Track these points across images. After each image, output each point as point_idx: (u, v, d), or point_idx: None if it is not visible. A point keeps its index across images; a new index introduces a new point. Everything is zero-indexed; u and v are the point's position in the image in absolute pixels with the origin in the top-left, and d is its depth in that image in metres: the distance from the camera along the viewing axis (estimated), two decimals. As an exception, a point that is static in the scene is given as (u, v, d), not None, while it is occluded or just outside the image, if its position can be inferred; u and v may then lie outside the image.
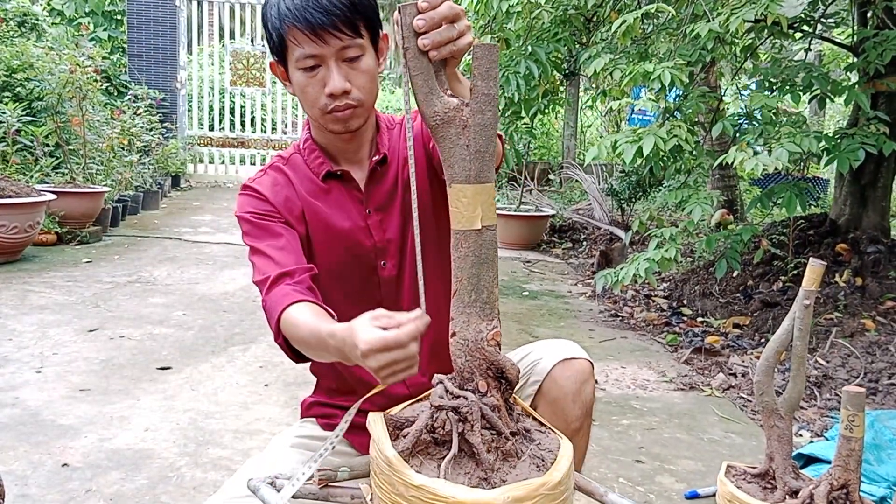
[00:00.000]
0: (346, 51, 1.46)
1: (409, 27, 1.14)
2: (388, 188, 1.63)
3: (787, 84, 4.26)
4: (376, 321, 1.17)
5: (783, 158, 3.71)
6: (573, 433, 1.56)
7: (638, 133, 4.23)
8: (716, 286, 5.44)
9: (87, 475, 2.59)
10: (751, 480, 1.31)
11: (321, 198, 1.61)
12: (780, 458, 1.28)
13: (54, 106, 7.61)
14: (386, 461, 1.08)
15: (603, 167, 9.64)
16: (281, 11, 1.44)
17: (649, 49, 4.62)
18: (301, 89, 1.49)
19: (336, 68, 1.45)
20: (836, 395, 3.65)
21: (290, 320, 1.38)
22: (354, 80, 1.48)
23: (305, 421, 1.76)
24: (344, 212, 1.60)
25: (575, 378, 1.56)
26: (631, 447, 3.07)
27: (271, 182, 1.62)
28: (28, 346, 3.93)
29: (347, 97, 1.48)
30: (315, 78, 1.47)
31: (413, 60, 1.14)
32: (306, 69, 1.46)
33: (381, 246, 1.61)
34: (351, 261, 1.61)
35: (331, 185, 1.61)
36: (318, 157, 1.62)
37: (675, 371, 4.07)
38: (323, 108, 1.49)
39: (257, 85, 13.05)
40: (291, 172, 1.63)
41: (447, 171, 1.15)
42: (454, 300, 1.17)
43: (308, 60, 1.45)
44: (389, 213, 1.62)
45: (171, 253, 6.83)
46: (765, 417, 1.31)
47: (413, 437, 1.11)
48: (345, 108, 1.49)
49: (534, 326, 4.88)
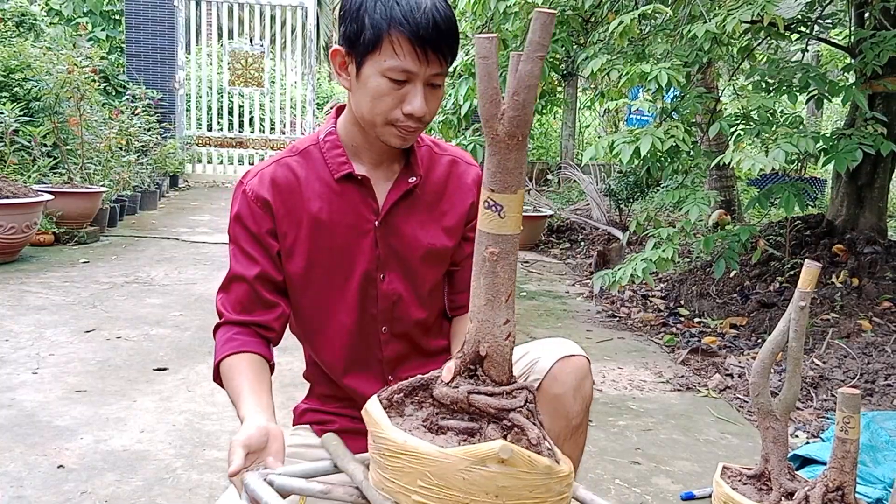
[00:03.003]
0: (436, 77, 1.45)
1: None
2: (407, 207, 1.61)
3: (784, 84, 4.26)
4: (247, 445, 1.27)
5: (780, 159, 3.72)
6: (574, 429, 1.56)
7: (635, 134, 4.23)
8: (713, 286, 5.45)
9: (83, 476, 2.59)
10: (746, 482, 1.31)
11: (331, 199, 1.56)
12: (776, 459, 1.28)
13: (52, 106, 7.60)
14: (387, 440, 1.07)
15: (601, 167, 9.64)
16: (394, 15, 1.39)
17: (646, 50, 4.62)
18: (375, 95, 1.44)
19: (422, 91, 1.43)
20: (832, 395, 3.65)
21: (227, 369, 1.50)
22: (430, 105, 1.46)
23: (299, 428, 1.73)
24: (353, 217, 1.57)
25: (575, 374, 1.56)
26: (627, 448, 3.07)
27: (277, 179, 1.57)
28: (24, 347, 3.93)
29: (420, 120, 1.47)
30: (398, 91, 1.43)
31: None
32: (394, 80, 1.42)
33: (385, 258, 1.59)
34: (349, 269, 1.58)
35: (345, 188, 1.56)
36: (340, 156, 1.57)
37: (671, 372, 4.07)
38: (392, 120, 1.45)
39: (256, 85, 13.05)
40: (303, 167, 1.58)
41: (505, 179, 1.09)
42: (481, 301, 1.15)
43: (401, 74, 1.41)
44: (400, 229, 1.60)
45: (168, 253, 6.83)
46: (760, 419, 1.30)
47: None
48: (414, 129, 1.48)
49: (531, 327, 4.88)
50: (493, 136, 1.02)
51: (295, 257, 1.57)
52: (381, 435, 1.05)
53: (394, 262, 1.60)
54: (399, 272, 1.61)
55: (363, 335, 1.62)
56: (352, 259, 1.58)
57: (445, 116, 5.44)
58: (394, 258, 1.60)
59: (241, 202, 1.58)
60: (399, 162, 1.61)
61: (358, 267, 1.58)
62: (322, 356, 1.66)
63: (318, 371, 1.71)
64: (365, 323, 1.61)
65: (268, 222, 1.55)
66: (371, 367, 1.65)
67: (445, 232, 1.64)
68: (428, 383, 1.11)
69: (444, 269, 1.67)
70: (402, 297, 1.61)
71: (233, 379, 1.47)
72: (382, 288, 1.60)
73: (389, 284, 1.60)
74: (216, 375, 1.55)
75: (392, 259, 1.60)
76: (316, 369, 1.71)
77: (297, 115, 14.15)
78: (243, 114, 13.44)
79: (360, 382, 1.63)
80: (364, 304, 1.60)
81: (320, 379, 1.71)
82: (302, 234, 1.56)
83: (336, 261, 1.58)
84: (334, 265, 1.58)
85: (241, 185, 1.59)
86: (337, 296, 1.60)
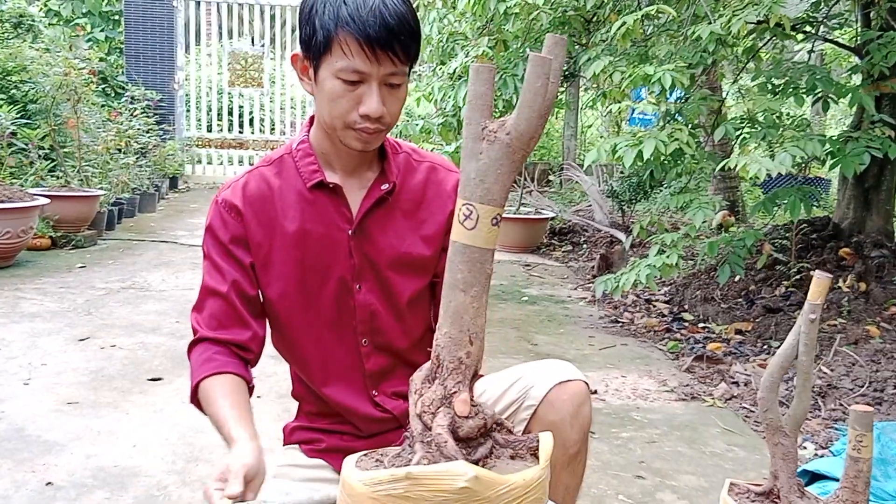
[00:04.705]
0: (392, 77, 1.41)
1: None
2: (382, 215, 1.55)
3: (790, 86, 4.18)
4: (247, 475, 1.25)
5: (787, 163, 3.64)
6: (571, 458, 1.50)
7: (638, 136, 4.15)
8: (717, 291, 5.37)
9: (72, 495, 2.52)
10: (754, 499, 1.26)
11: (304, 208, 1.53)
12: (785, 476, 1.23)
13: (49, 108, 7.53)
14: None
15: (603, 168, 9.56)
16: (340, 15, 1.36)
17: (650, 51, 4.54)
18: (331, 98, 1.41)
19: (377, 91, 1.39)
20: (840, 405, 3.57)
21: (206, 392, 1.46)
22: (389, 106, 1.43)
23: (288, 448, 1.69)
24: (326, 226, 1.53)
25: (572, 400, 1.50)
26: (631, 461, 3.00)
27: (250, 190, 1.54)
28: (17, 357, 3.86)
29: (379, 121, 1.42)
30: (353, 93, 1.39)
31: None
32: (347, 81, 1.38)
33: (360, 268, 1.54)
34: (324, 279, 1.53)
35: (317, 196, 1.53)
36: (311, 164, 1.53)
37: (676, 380, 3.99)
38: (350, 122, 1.42)
39: (256, 85, 12.98)
40: (277, 177, 1.55)
41: (484, 188, 1.04)
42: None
43: (353, 75, 1.38)
44: (375, 238, 1.55)
45: (166, 257, 6.76)
46: (769, 434, 1.25)
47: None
48: (374, 130, 1.43)
49: (532, 333, 4.80)
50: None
51: (269, 267, 1.54)
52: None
53: (369, 271, 1.55)
54: (375, 282, 1.55)
55: (343, 348, 1.57)
56: (326, 269, 1.53)
57: (445, 119, 5.37)
58: (369, 268, 1.55)
59: (213, 213, 1.56)
60: (373, 169, 1.57)
61: (333, 276, 1.53)
62: (303, 370, 1.62)
63: (303, 388, 1.67)
64: (344, 335, 1.56)
65: (239, 230, 1.53)
66: (354, 381, 1.59)
67: (424, 241, 1.58)
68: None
69: (423, 280, 1.59)
70: (379, 308, 1.56)
71: (214, 402, 1.43)
72: (359, 298, 1.55)
73: (366, 295, 1.55)
74: (193, 396, 1.51)
75: (367, 269, 1.55)
76: (302, 386, 1.67)
77: (297, 116, 14.08)
78: (243, 114, 13.36)
79: (344, 396, 1.58)
80: (341, 315, 1.55)
81: (307, 396, 1.67)
82: (276, 243, 1.52)
83: (311, 271, 1.53)
84: (309, 275, 1.53)
85: (217, 197, 1.57)
86: (313, 307, 1.55)
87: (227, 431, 1.36)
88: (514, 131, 1.00)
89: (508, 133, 1.00)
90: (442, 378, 1.04)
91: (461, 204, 1.01)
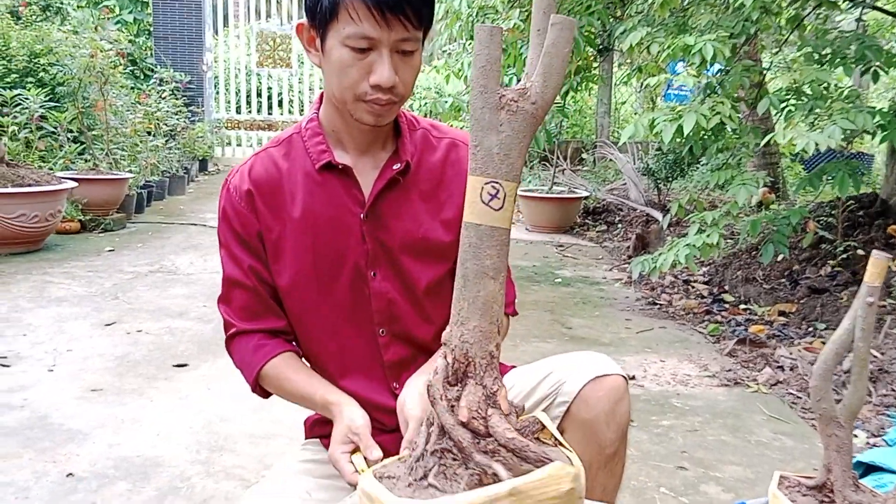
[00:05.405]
0: (404, 42, 1.29)
1: None
2: (396, 198, 1.44)
3: (837, 56, 3.97)
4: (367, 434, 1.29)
5: (836, 136, 3.45)
6: (608, 459, 1.38)
7: (678, 111, 3.98)
8: (759, 271, 5.18)
9: (93, 486, 2.45)
10: (806, 493, 1.15)
11: (313, 190, 1.42)
12: (840, 469, 1.12)
13: (76, 91, 7.50)
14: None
15: (638, 145, 9.33)
16: None
17: (689, 21, 4.34)
18: (340, 68, 1.30)
19: (388, 59, 1.28)
20: (892, 390, 3.39)
21: (275, 374, 1.45)
22: (402, 75, 1.31)
23: (309, 442, 1.59)
24: (337, 209, 1.42)
25: (608, 397, 1.37)
26: (672, 451, 2.86)
27: (258, 173, 1.45)
28: (43, 342, 3.81)
29: (392, 91, 1.30)
30: (362, 61, 1.29)
31: None
32: (356, 49, 1.28)
33: (374, 254, 1.43)
34: (338, 266, 1.43)
35: (326, 178, 1.42)
36: (319, 144, 1.43)
37: (717, 364, 3.84)
38: (361, 94, 1.31)
39: (284, 66, 12.89)
40: (285, 158, 1.45)
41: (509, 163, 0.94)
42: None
43: (362, 41, 1.27)
44: (388, 222, 1.44)
45: (195, 240, 6.71)
46: (822, 425, 1.14)
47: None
48: (386, 102, 1.32)
49: (567, 316, 4.66)
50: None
51: (280, 255, 1.44)
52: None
53: (383, 258, 1.44)
54: (390, 269, 1.44)
55: (360, 338, 1.47)
56: (339, 255, 1.43)
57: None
58: (383, 254, 1.44)
59: (225, 201, 1.47)
60: (387, 148, 1.45)
61: (347, 263, 1.43)
62: (320, 362, 1.51)
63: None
64: (361, 325, 1.46)
65: (253, 223, 1.44)
66: (373, 373, 1.49)
67: (443, 225, 1.46)
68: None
69: (443, 266, 1.47)
70: (396, 296, 1.45)
71: (288, 379, 1.44)
72: (374, 286, 1.44)
73: (382, 283, 1.44)
74: (255, 385, 1.49)
75: (381, 255, 1.43)
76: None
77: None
78: (272, 96, 13.28)
79: (364, 388, 1.47)
80: (357, 303, 1.45)
81: None
82: (286, 229, 1.43)
83: (323, 257, 1.43)
84: (321, 262, 1.43)
85: (226, 183, 1.48)
86: (327, 295, 1.44)
87: (322, 398, 1.38)
88: (539, 100, 0.91)
89: (534, 102, 0.91)
90: (478, 377, 0.95)
91: (485, 182, 0.91)
